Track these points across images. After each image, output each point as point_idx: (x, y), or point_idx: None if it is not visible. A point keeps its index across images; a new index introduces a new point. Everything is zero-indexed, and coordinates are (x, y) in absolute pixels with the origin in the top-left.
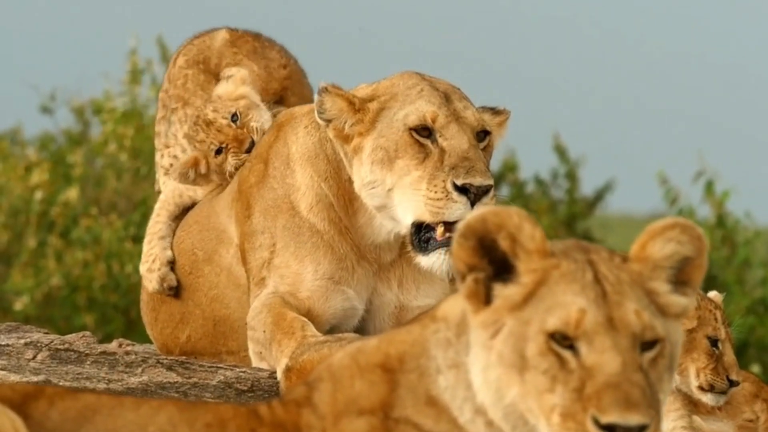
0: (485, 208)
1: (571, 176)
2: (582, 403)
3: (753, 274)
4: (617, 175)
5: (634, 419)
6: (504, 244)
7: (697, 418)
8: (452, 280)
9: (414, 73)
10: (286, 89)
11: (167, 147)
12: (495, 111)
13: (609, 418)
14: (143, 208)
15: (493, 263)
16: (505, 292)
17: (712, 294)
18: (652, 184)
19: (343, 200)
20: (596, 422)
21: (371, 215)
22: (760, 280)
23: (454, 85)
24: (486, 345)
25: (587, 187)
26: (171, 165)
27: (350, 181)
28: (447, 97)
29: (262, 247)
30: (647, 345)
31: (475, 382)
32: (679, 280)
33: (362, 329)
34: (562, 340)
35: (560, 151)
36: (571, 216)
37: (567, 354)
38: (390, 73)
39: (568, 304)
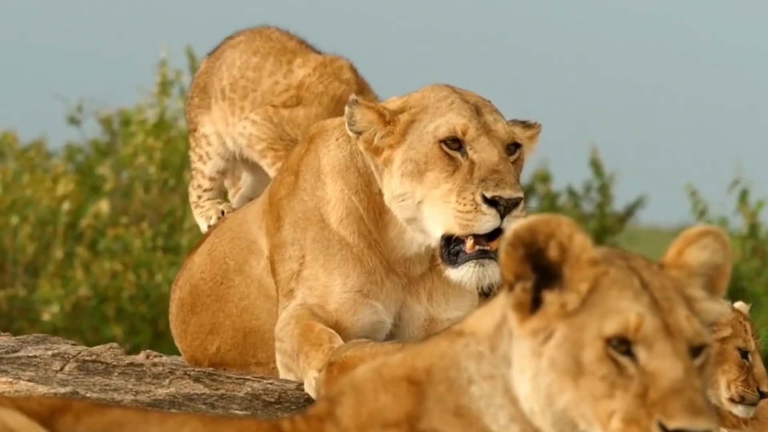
0: (533, 218)
1: (604, 190)
2: (646, 409)
3: None
4: (645, 186)
5: (701, 425)
6: (553, 252)
7: (724, 431)
8: (482, 293)
9: (444, 86)
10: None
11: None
12: (526, 124)
13: (677, 423)
14: (171, 219)
15: (537, 271)
16: (558, 300)
17: (739, 305)
18: (679, 197)
19: (373, 213)
20: (662, 428)
21: (402, 229)
22: None
23: (484, 98)
24: (536, 352)
25: (619, 199)
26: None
27: (380, 194)
28: (477, 109)
29: (292, 258)
30: (695, 351)
31: (522, 391)
32: (707, 287)
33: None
34: (619, 346)
35: (596, 165)
36: (602, 230)
37: (625, 360)
38: (422, 87)
39: (625, 309)
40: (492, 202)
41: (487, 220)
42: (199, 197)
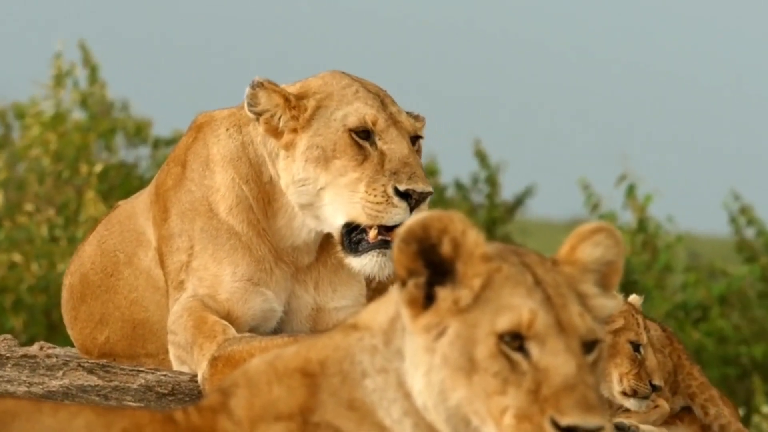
0: (425, 213)
1: (492, 181)
2: (539, 405)
3: (673, 279)
4: (537, 180)
5: (593, 421)
6: (446, 248)
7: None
8: (376, 286)
9: (343, 73)
10: None
11: None
12: (415, 117)
13: (569, 419)
14: (66, 212)
15: (430, 267)
16: (450, 296)
17: (632, 298)
18: (572, 190)
19: (262, 202)
20: (555, 424)
21: (291, 216)
22: (680, 285)
23: (381, 87)
24: (429, 348)
25: (508, 192)
26: None
27: (271, 182)
28: (381, 99)
29: (180, 250)
30: (587, 347)
31: (416, 386)
32: (600, 284)
33: (280, 331)
34: (511, 342)
35: (481, 156)
36: (491, 221)
37: (517, 356)
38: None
39: (517, 305)
40: (404, 195)
41: (397, 213)
42: None
